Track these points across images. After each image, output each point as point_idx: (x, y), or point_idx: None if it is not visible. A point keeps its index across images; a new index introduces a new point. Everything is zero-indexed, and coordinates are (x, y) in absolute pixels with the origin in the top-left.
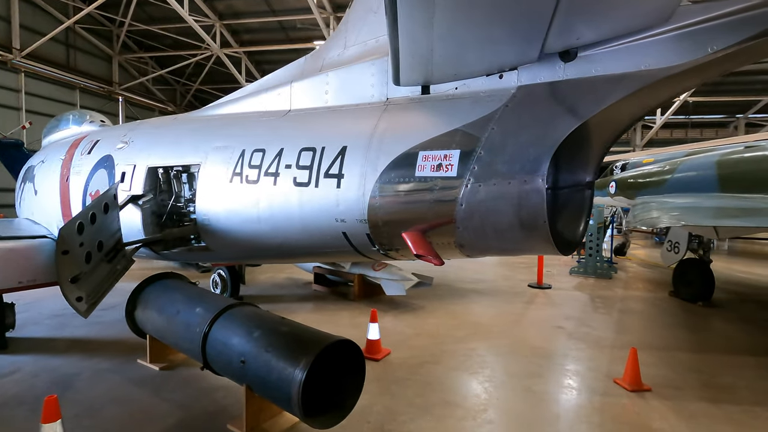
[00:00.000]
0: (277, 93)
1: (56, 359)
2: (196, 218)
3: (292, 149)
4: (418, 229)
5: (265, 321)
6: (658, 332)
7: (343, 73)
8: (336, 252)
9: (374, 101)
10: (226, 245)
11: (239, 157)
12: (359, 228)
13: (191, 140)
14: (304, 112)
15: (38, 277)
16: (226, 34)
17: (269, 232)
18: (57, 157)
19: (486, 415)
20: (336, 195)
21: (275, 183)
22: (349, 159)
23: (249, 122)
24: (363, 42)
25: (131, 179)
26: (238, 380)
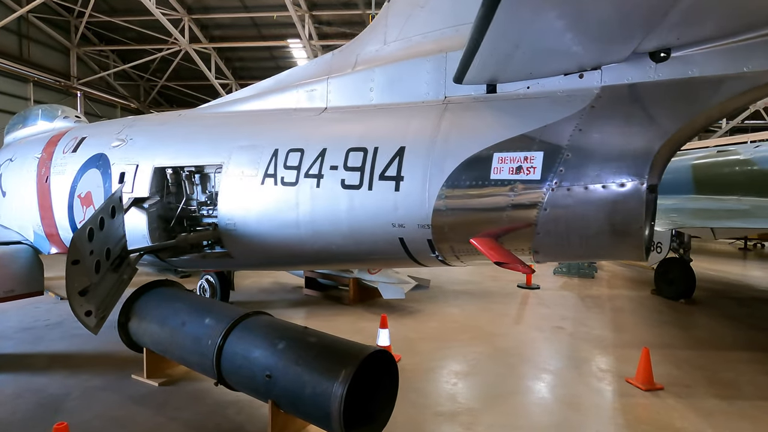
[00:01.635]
0: (309, 90)
1: (38, 377)
2: (218, 223)
3: (338, 149)
4: (490, 234)
5: (287, 331)
6: (653, 330)
7: (391, 70)
8: (384, 258)
9: (429, 100)
10: (253, 251)
11: (271, 157)
12: (420, 234)
13: (208, 139)
14: (345, 110)
15: (16, 287)
16: (195, 29)
17: (309, 238)
18: (30, 155)
19: (512, 420)
20: (394, 199)
21: (318, 185)
22: (409, 160)
23: (278, 120)
24: (407, 38)
25: (133, 180)
26: (261, 396)
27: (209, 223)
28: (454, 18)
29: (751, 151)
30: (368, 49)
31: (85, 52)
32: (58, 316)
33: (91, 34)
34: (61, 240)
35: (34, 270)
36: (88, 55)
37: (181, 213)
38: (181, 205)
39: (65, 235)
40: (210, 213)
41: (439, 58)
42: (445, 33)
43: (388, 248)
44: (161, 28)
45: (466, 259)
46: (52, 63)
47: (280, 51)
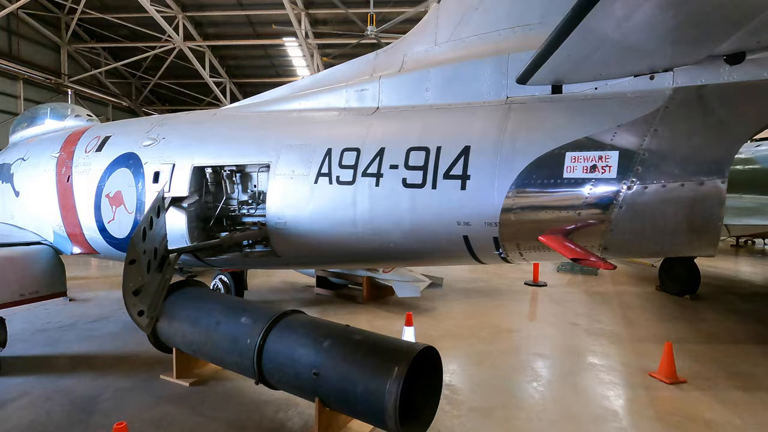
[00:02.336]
0: (359, 90)
1: (65, 379)
2: (266, 222)
3: (398, 149)
4: (560, 232)
5: (330, 329)
6: (664, 325)
7: (448, 70)
8: (442, 256)
9: (490, 100)
10: (303, 250)
11: (325, 156)
12: (485, 231)
13: (252, 138)
14: (400, 109)
15: (41, 288)
16: (189, 27)
17: (366, 236)
18: (46, 154)
19: (548, 415)
20: (460, 197)
21: (378, 184)
22: (475, 159)
23: (328, 120)
24: (461, 39)
25: (170, 179)
26: (306, 394)
27: (254, 222)
28: (509, 20)
29: (752, 150)
30: (417, 50)
31: (76, 49)
32: (69, 317)
33: (81, 31)
34: (85, 240)
35: (56, 271)
36: (79, 52)
37: (221, 212)
38: (220, 204)
39: (91, 234)
40: (254, 212)
41: (501, 59)
42: (502, 34)
43: (450, 246)
44: (154, 26)
45: (529, 257)
46: (43, 60)
47: (275, 50)
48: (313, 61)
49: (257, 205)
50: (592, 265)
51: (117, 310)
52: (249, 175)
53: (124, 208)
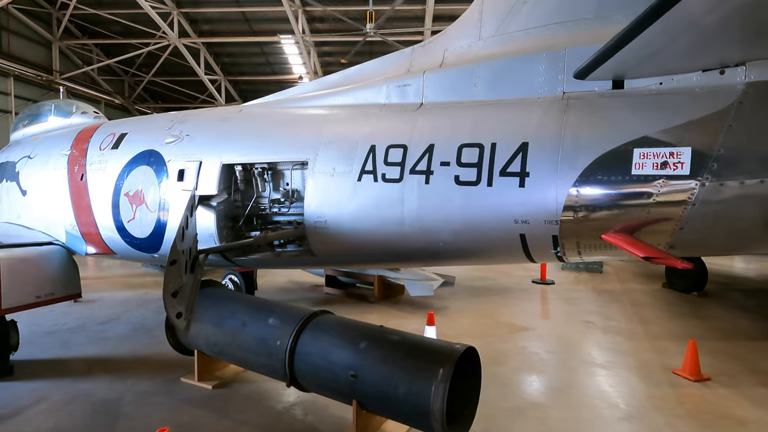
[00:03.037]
0: (401, 85)
1: (82, 383)
2: (305, 220)
3: (448, 145)
4: (625, 230)
5: (365, 330)
6: (677, 323)
7: (498, 65)
8: (493, 254)
9: (545, 95)
10: (344, 249)
11: (368, 153)
12: (545, 230)
13: (286, 135)
14: (447, 105)
15: (56, 290)
16: (184, 23)
17: (414, 235)
18: (55, 152)
19: (581, 414)
20: (518, 195)
21: (428, 181)
22: (534, 156)
23: (368, 116)
24: (507, 33)
25: (197, 178)
26: (343, 397)
27: (289, 221)
28: (561, 14)
29: None
30: (458, 44)
31: (68, 45)
32: (76, 319)
33: (73, 27)
34: (101, 240)
35: (70, 271)
36: (71, 48)
37: (251, 211)
38: (251, 203)
39: (108, 234)
40: (286, 210)
41: (556, 54)
42: (553, 29)
43: (504, 244)
44: (148, 22)
45: (587, 255)
46: (34, 57)
47: (271, 47)
48: (310, 59)
49: (290, 203)
50: (668, 264)
51: (125, 311)
52: (281, 172)
53: (146, 207)
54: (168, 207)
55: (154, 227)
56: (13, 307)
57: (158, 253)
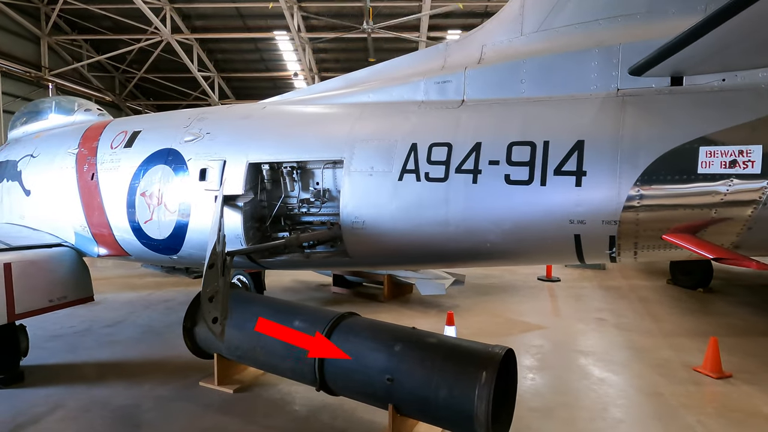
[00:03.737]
0: (440, 82)
1: (97, 389)
2: (341, 221)
3: (497, 144)
4: (689, 229)
5: (398, 333)
6: (688, 319)
7: (546, 61)
8: (542, 255)
9: (598, 92)
10: (382, 250)
11: (409, 151)
12: (601, 230)
13: (317, 132)
14: (491, 102)
15: (68, 293)
16: (176, 19)
17: (459, 235)
18: (61, 150)
19: (610, 414)
20: (574, 194)
21: (475, 181)
22: (591, 154)
23: (405, 113)
24: (553, 29)
25: (221, 177)
26: (378, 401)
27: (322, 222)
28: (611, 9)
29: None
30: (498, 40)
31: (57, 41)
32: (81, 322)
33: (62, 22)
34: (115, 241)
35: (81, 274)
36: (60, 44)
37: (278, 211)
38: (278, 203)
39: (122, 236)
40: (317, 210)
41: (610, 49)
42: (603, 24)
43: (555, 245)
44: (139, 18)
45: (643, 255)
46: (22, 53)
47: (265, 43)
48: (305, 56)
49: (321, 203)
50: (740, 264)
51: (130, 313)
52: (311, 171)
53: (165, 207)
54: (189, 207)
55: (173, 228)
56: (27, 311)
57: (177, 255)
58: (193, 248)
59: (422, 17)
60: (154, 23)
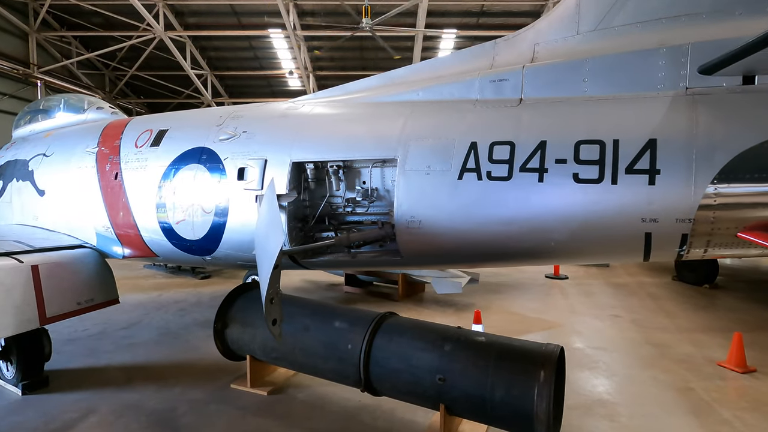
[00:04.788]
0: (496, 80)
1: (126, 393)
2: (395, 221)
3: (563, 142)
4: (764, 226)
5: (445, 332)
6: (700, 315)
7: (611, 60)
8: (608, 253)
9: (666, 91)
10: (440, 250)
11: (469, 150)
12: (675, 228)
13: (367, 131)
14: (552, 101)
15: (95, 295)
16: (169, 16)
17: (522, 234)
18: (78, 149)
19: (647, 410)
20: (647, 193)
21: (541, 179)
22: (664, 153)
23: (460, 111)
24: (612, 27)
25: (262, 177)
26: (428, 402)
27: (373, 222)
28: (674, 8)
29: None
30: (552, 38)
31: (46, 37)
32: (94, 324)
33: (51, 18)
34: (142, 242)
35: (106, 276)
36: (49, 41)
37: (323, 211)
38: (323, 202)
39: (150, 236)
40: (365, 210)
41: (678, 48)
42: (665, 23)
43: (624, 243)
44: (130, 14)
45: (714, 253)
46: (10, 49)
47: (259, 41)
48: (301, 54)
49: (369, 202)
50: None
51: (143, 315)
52: (358, 170)
53: (199, 207)
54: (227, 207)
55: (209, 229)
56: (57, 315)
57: (211, 256)
58: (230, 249)
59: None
60: (146, 20)
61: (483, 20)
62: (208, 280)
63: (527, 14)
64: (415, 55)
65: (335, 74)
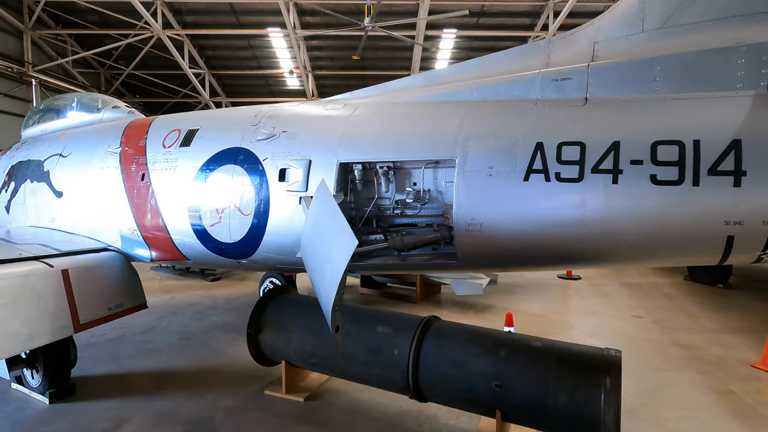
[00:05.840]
0: (558, 79)
1: (158, 401)
2: (455, 224)
3: (638, 143)
4: None
5: (498, 337)
6: (722, 315)
7: (685, 58)
8: (682, 256)
9: (745, 90)
10: (501, 252)
11: (535, 150)
12: (760, 231)
13: (419, 131)
14: (622, 100)
15: (124, 300)
16: (167, 14)
17: (593, 237)
18: (98, 149)
19: (693, 413)
20: (732, 195)
21: (615, 181)
22: (750, 154)
23: (524, 111)
24: (681, 25)
25: (306, 178)
26: (482, 408)
27: (429, 224)
28: (747, 5)
29: None
30: (613, 36)
31: (41, 35)
32: (111, 329)
33: (46, 15)
34: (172, 245)
35: (133, 279)
36: (44, 39)
37: (371, 213)
38: (371, 204)
39: (182, 239)
40: (417, 212)
41: (759, 47)
42: (739, 21)
43: (704, 245)
44: (127, 12)
45: None
46: (3, 47)
47: (258, 40)
48: (300, 53)
49: (422, 204)
50: None
51: (159, 318)
52: (409, 171)
53: (237, 209)
54: (267, 210)
55: (247, 231)
56: (90, 321)
57: (248, 259)
58: (270, 252)
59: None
60: (144, 17)
61: (483, 20)
62: (218, 282)
63: (526, 14)
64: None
65: (334, 74)
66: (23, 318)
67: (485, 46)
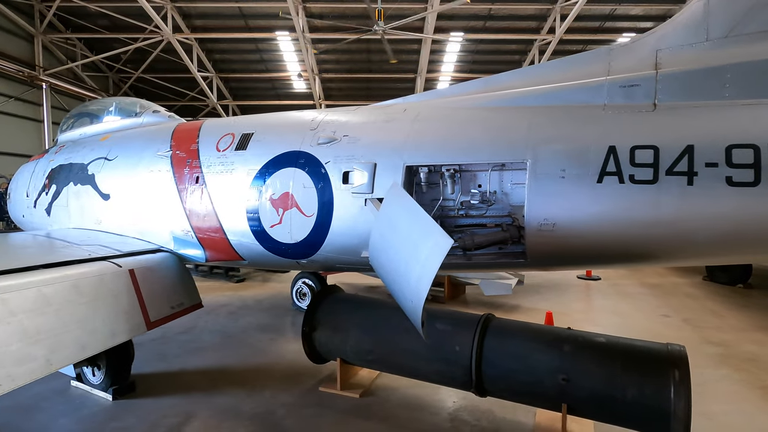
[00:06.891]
0: (625, 85)
1: (217, 398)
2: (525, 223)
3: (712, 146)
4: None
5: (559, 334)
6: (749, 314)
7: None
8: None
9: None
10: (574, 252)
11: (607, 154)
12: None
13: (486, 135)
14: (692, 106)
15: (184, 299)
16: (177, 18)
17: (666, 237)
18: (147, 153)
19: (741, 407)
20: None
21: (691, 183)
22: None
23: (589, 115)
24: (746, 34)
25: (372, 181)
26: (549, 401)
27: (498, 225)
28: None
29: None
30: (677, 44)
31: (51, 39)
32: None
33: (56, 19)
34: (228, 246)
35: (188, 279)
36: (54, 43)
37: (434, 214)
38: (436, 206)
39: (239, 240)
40: (483, 213)
41: None
42: None
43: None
44: (137, 16)
45: None
46: (15, 51)
47: (266, 44)
48: (308, 56)
49: (488, 205)
50: None
51: (195, 318)
52: (475, 174)
53: (299, 211)
54: (330, 211)
55: (310, 232)
56: (158, 319)
57: (308, 259)
58: (331, 252)
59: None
60: (154, 21)
61: (490, 23)
62: (243, 284)
63: (532, 18)
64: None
65: (341, 77)
66: (104, 316)
67: (491, 49)
